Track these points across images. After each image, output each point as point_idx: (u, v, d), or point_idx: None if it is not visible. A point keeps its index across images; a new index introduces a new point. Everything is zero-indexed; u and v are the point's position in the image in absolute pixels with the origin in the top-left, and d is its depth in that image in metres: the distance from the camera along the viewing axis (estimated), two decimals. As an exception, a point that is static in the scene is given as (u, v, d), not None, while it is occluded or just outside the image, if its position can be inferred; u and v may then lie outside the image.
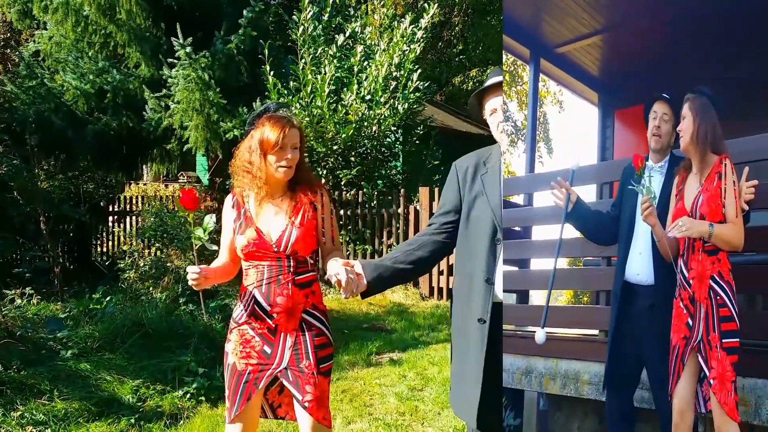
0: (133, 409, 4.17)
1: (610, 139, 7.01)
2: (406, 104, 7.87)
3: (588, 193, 6.33)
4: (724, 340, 2.59)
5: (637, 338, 3.00)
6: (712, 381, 2.59)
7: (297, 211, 2.52)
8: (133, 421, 4.02)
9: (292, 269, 2.51)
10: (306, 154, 7.66)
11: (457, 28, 14.28)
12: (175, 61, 7.58)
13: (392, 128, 8.05)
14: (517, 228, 4.92)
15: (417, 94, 8.01)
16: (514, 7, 5.93)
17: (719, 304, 2.62)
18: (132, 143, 8.35)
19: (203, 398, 4.50)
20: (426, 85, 8.31)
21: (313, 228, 2.56)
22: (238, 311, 2.60)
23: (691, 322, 2.70)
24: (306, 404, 2.46)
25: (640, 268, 3.03)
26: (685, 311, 2.73)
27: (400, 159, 9.31)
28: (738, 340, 2.61)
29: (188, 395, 4.46)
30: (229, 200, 2.65)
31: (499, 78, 2.71)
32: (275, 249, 2.49)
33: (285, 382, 2.50)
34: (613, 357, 3.11)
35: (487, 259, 2.66)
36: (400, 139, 9.54)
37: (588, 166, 5.28)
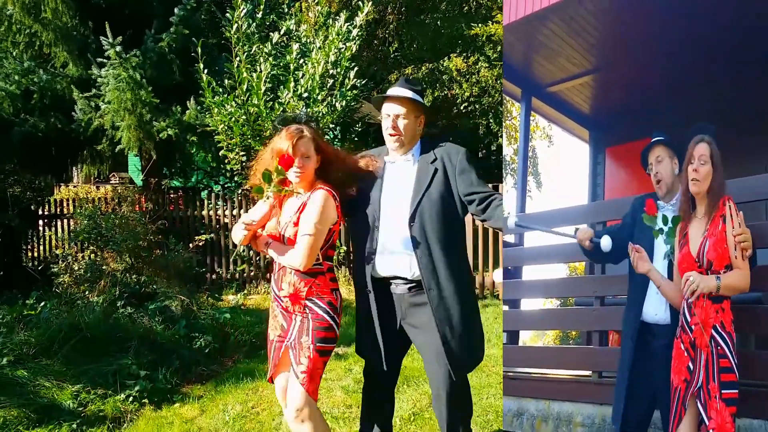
0: (74, 414, 4.09)
1: (601, 176, 7.21)
2: (344, 102, 7.88)
3: None
4: (723, 391, 2.58)
5: (651, 378, 2.97)
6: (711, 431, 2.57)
7: (301, 209, 2.80)
8: (75, 426, 3.95)
9: None
10: (244, 153, 7.56)
11: (391, 26, 14.38)
12: (105, 60, 7.40)
13: (330, 125, 8.05)
14: (509, 267, 4.93)
15: (354, 91, 8.04)
16: (511, 50, 6.03)
17: (720, 355, 2.61)
18: (61, 145, 8.08)
19: (146, 401, 4.45)
20: (363, 82, 8.35)
21: None
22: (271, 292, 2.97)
23: (692, 366, 2.69)
24: (299, 374, 2.75)
25: (657, 308, 2.99)
26: (686, 354, 2.72)
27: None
28: (737, 391, 2.61)
29: (131, 398, 4.40)
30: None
31: (404, 92, 2.99)
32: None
33: (290, 352, 2.82)
34: (627, 396, 3.05)
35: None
36: (339, 137, 9.56)
37: (580, 206, 5.23)
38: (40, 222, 8.92)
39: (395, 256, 2.88)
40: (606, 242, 3.09)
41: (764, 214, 3.84)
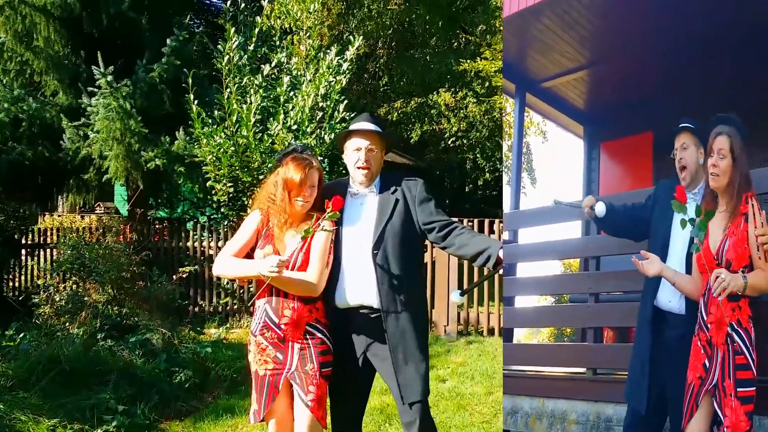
0: (48, 450, 3.99)
1: (596, 171, 7.21)
2: (333, 134, 7.91)
3: (574, 230, 6.49)
4: (739, 389, 2.55)
5: (662, 368, 2.94)
6: (726, 430, 2.54)
7: (307, 238, 2.80)
8: (48, 462, 3.85)
9: None
10: (231, 184, 7.56)
11: (381, 60, 14.52)
12: (95, 89, 7.40)
13: (319, 158, 8.06)
14: (504, 264, 4.90)
15: (343, 124, 8.08)
16: (506, 45, 5.99)
17: (736, 351, 2.58)
18: (48, 173, 8.05)
19: (123, 437, 4.36)
20: (352, 115, 8.39)
21: None
22: (254, 325, 2.91)
23: (708, 364, 2.65)
24: (309, 403, 2.77)
25: (671, 295, 2.97)
26: (702, 351, 2.68)
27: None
28: (754, 389, 2.57)
29: (108, 434, 4.31)
30: (257, 213, 2.99)
31: (371, 126, 3.04)
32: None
33: (293, 383, 2.81)
34: (650, 386, 2.99)
35: None
36: (327, 169, 9.57)
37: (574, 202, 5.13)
38: (23, 251, 8.82)
39: (360, 285, 2.91)
40: (600, 208, 3.17)
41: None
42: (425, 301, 3.23)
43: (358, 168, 3.01)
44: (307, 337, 2.84)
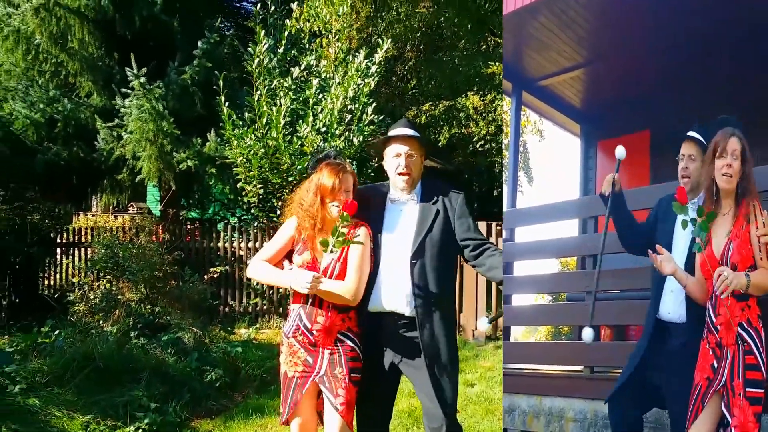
0: (83, 445, 4.07)
1: (593, 170, 7.14)
2: (361, 137, 7.94)
3: (570, 228, 6.42)
4: (748, 389, 2.53)
5: (661, 373, 2.95)
6: (733, 429, 2.51)
7: (343, 247, 2.80)
8: (83, 457, 3.92)
9: None
10: (261, 186, 7.63)
11: (410, 63, 14.51)
12: (129, 91, 7.52)
13: (347, 160, 8.10)
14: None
15: (372, 127, 8.10)
16: (504, 44, 5.91)
17: (746, 351, 2.56)
18: (82, 173, 8.20)
19: (155, 434, 4.42)
20: (380, 118, 8.42)
21: None
22: (288, 327, 2.94)
23: (716, 365, 2.63)
24: (338, 406, 2.78)
25: (672, 306, 2.99)
26: (711, 353, 2.66)
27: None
28: (763, 391, 2.54)
29: (140, 431, 4.36)
30: (293, 220, 2.99)
31: (410, 131, 3.04)
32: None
33: (322, 387, 2.83)
34: (627, 383, 3.03)
35: None
36: (355, 171, 9.60)
37: (571, 201, 5.15)
38: (58, 250, 8.98)
39: (395, 292, 2.92)
40: (587, 335, 3.13)
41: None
42: (455, 310, 3.27)
43: (399, 174, 3.02)
44: (338, 344, 2.86)
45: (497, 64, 12.21)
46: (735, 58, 5.15)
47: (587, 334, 3.07)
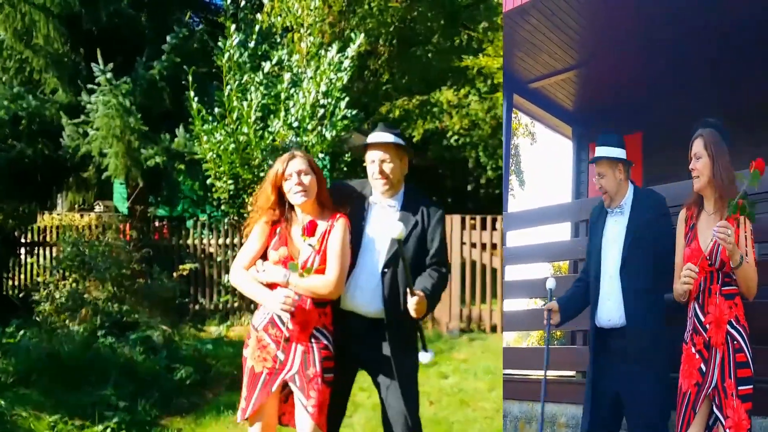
0: (49, 446, 3.98)
1: (585, 172, 7.15)
2: (334, 132, 7.87)
3: (563, 231, 6.39)
4: (739, 388, 2.53)
5: (614, 376, 3.00)
6: (728, 430, 2.51)
7: (322, 238, 2.80)
8: (49, 458, 3.83)
9: None
10: (232, 182, 7.55)
11: (383, 58, 14.47)
12: (95, 86, 7.37)
13: (320, 155, 8.03)
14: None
15: (344, 121, 8.04)
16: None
17: (736, 350, 2.57)
18: (47, 171, 8.03)
19: (124, 433, 4.34)
20: (353, 113, 8.35)
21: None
22: (258, 319, 2.85)
23: (704, 368, 2.62)
24: (310, 409, 2.70)
25: (609, 313, 3.05)
26: (697, 356, 2.65)
27: (329, 185, 9.27)
28: (752, 386, 2.57)
29: (109, 430, 4.32)
30: (261, 221, 2.91)
31: (386, 137, 2.99)
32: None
33: (292, 386, 2.75)
34: (592, 398, 3.09)
35: None
36: (328, 166, 9.53)
37: (563, 204, 5.14)
38: (22, 250, 8.79)
39: (366, 294, 2.91)
40: (551, 283, 3.35)
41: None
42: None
43: (376, 179, 3.00)
44: (312, 340, 2.79)
45: (470, 58, 12.22)
46: (727, 61, 5.19)
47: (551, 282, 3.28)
